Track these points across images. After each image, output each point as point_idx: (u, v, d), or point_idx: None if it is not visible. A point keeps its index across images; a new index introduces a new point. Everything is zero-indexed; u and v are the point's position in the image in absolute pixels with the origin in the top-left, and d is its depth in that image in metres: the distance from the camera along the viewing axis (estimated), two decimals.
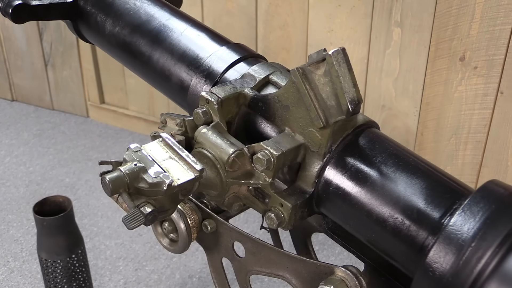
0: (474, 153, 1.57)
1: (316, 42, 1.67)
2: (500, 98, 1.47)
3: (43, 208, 1.16)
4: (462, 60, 1.47)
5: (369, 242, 0.59)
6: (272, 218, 0.60)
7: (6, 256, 1.63)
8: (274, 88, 0.65)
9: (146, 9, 0.78)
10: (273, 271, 0.64)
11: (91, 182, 1.90)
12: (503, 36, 1.39)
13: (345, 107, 0.55)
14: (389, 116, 1.65)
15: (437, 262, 0.49)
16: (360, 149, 0.59)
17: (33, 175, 1.96)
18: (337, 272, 0.58)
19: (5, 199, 1.85)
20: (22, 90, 2.39)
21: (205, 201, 0.70)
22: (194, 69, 0.71)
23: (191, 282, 1.56)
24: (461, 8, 1.42)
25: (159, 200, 0.56)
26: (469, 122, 1.54)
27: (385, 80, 1.60)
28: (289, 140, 0.59)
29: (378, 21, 1.54)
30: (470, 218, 0.49)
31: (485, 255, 0.47)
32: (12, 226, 1.74)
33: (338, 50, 0.54)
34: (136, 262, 1.61)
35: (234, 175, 0.60)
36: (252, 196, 0.63)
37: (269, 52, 1.76)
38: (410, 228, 0.53)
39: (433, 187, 0.55)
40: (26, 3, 0.80)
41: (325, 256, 1.63)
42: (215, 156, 0.60)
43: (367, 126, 0.61)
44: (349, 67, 0.54)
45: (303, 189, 0.60)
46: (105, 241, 1.68)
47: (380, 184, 0.56)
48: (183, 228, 0.68)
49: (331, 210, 0.61)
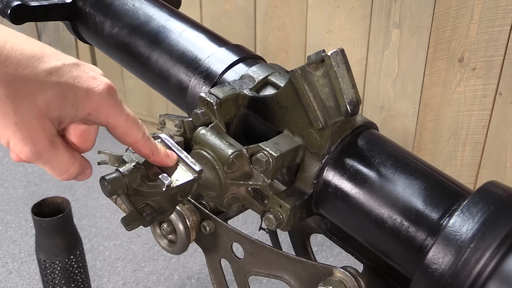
0: (472, 154, 1.57)
1: (315, 43, 1.67)
2: (499, 99, 1.47)
3: (42, 209, 1.16)
4: (461, 61, 1.47)
5: (368, 243, 0.59)
6: (271, 219, 0.60)
7: (5, 257, 1.63)
8: (273, 89, 0.65)
9: (145, 10, 0.78)
10: (272, 272, 0.64)
11: (90, 183, 1.90)
12: (501, 37, 1.40)
13: (344, 108, 0.55)
14: (388, 117, 1.65)
15: (436, 263, 0.49)
16: (359, 150, 0.59)
17: (31, 176, 1.96)
18: (336, 273, 0.58)
19: (4, 200, 1.85)
20: None
21: (204, 202, 0.70)
22: (193, 70, 0.71)
23: (190, 283, 1.56)
24: (460, 9, 1.42)
25: (158, 201, 0.56)
26: (467, 123, 1.54)
27: (383, 81, 1.60)
28: (288, 141, 0.59)
29: (376, 22, 1.54)
30: (469, 219, 0.49)
31: (484, 256, 0.47)
32: (11, 227, 1.74)
33: (337, 51, 0.54)
34: (135, 263, 1.61)
35: (233, 176, 0.60)
36: (251, 197, 0.63)
37: (268, 53, 1.76)
38: (409, 229, 0.53)
39: (432, 188, 0.55)
40: (25, 4, 0.80)
41: (324, 257, 1.63)
42: (214, 157, 0.60)
43: (366, 127, 0.61)
44: (348, 68, 0.55)
45: (302, 190, 0.60)
46: (104, 242, 1.68)
47: (379, 185, 0.56)
48: (181, 229, 0.68)
49: (330, 211, 0.61)
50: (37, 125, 0.43)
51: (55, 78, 0.43)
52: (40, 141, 0.44)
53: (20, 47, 0.42)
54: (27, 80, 0.42)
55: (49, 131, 0.44)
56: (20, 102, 0.42)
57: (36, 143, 0.44)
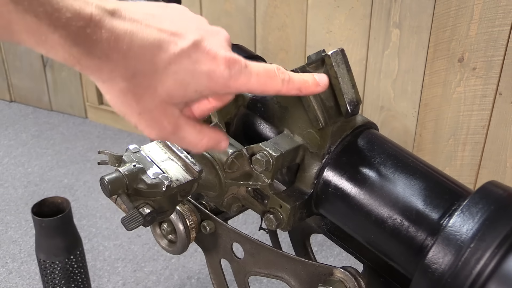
0: (472, 154, 1.57)
1: (315, 43, 1.67)
2: (499, 99, 1.47)
3: (42, 209, 1.15)
4: (461, 61, 1.47)
5: (368, 243, 0.59)
6: (271, 219, 0.60)
7: (5, 257, 1.63)
8: None
9: None
10: (272, 272, 0.64)
11: (90, 183, 1.90)
12: (501, 37, 1.40)
13: (344, 108, 0.55)
14: (388, 117, 1.65)
15: (436, 263, 0.49)
16: (359, 150, 0.59)
17: (31, 176, 1.96)
18: (336, 273, 0.58)
19: (4, 200, 1.85)
20: (21, 91, 2.39)
21: (204, 202, 0.70)
22: None
23: (190, 283, 1.56)
24: (460, 9, 1.42)
25: (158, 201, 0.56)
26: (467, 123, 1.54)
27: (383, 81, 1.60)
28: (288, 141, 0.59)
29: (376, 22, 1.54)
30: (469, 219, 0.49)
31: (484, 256, 0.47)
32: (11, 227, 1.74)
33: (337, 51, 0.54)
34: (135, 263, 1.61)
35: (233, 176, 0.60)
36: (251, 197, 0.63)
37: (268, 53, 1.76)
38: (409, 229, 0.53)
39: (432, 188, 0.55)
40: None
41: (324, 257, 1.63)
42: (214, 157, 0.60)
43: (366, 127, 0.61)
44: (348, 68, 0.55)
45: (302, 190, 0.60)
46: (104, 242, 1.68)
47: (379, 185, 0.56)
48: (181, 229, 0.67)
49: (330, 211, 0.61)
50: (160, 113, 0.44)
51: (174, 67, 0.43)
52: (164, 127, 0.45)
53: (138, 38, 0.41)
54: (146, 72, 0.42)
55: (172, 116, 0.45)
56: (142, 94, 0.43)
57: (161, 128, 0.45)
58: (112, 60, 0.41)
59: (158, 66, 0.42)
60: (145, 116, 0.44)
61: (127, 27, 0.41)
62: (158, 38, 0.42)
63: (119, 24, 0.41)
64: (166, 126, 0.45)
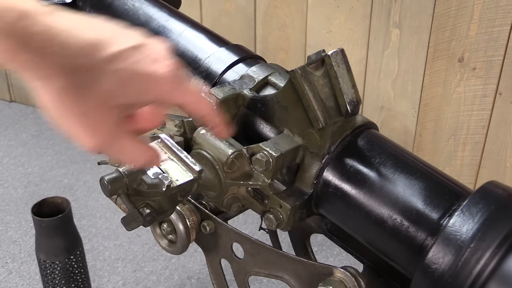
0: (472, 154, 1.57)
1: (315, 43, 1.67)
2: (499, 99, 1.47)
3: (42, 209, 1.15)
4: (461, 61, 1.47)
5: (368, 243, 0.59)
6: (271, 219, 0.60)
7: (5, 257, 1.63)
8: (273, 89, 0.65)
9: (145, 10, 0.78)
10: (272, 272, 0.64)
11: (90, 183, 1.90)
12: (501, 37, 1.40)
13: (344, 108, 0.55)
14: (388, 117, 1.65)
15: (436, 263, 0.49)
16: (359, 150, 0.59)
17: (31, 176, 1.96)
18: (336, 273, 0.58)
19: (4, 200, 1.85)
20: (21, 91, 2.39)
21: (204, 202, 0.70)
22: (193, 70, 0.71)
23: (190, 283, 1.56)
24: (460, 9, 1.42)
25: (158, 201, 0.56)
26: (467, 123, 1.54)
27: (383, 81, 1.60)
28: (288, 141, 0.59)
29: (376, 22, 1.54)
30: (469, 219, 0.49)
31: (484, 256, 0.47)
32: (11, 227, 1.74)
33: (337, 51, 0.54)
34: (135, 263, 1.61)
35: (233, 176, 0.60)
36: (251, 197, 0.63)
37: (268, 53, 1.76)
38: (409, 229, 0.53)
39: (432, 188, 0.55)
40: None
41: (324, 257, 1.63)
42: (214, 157, 0.60)
43: (366, 127, 0.61)
44: (348, 68, 0.55)
45: (302, 190, 0.60)
46: (104, 242, 1.68)
47: (379, 185, 0.56)
48: (181, 229, 0.67)
49: (330, 211, 0.61)
50: (100, 116, 0.42)
51: (114, 66, 0.41)
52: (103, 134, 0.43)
53: (75, 35, 0.40)
54: (85, 70, 0.41)
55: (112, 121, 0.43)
56: (81, 94, 0.41)
57: (100, 135, 0.43)
58: (49, 54, 0.39)
59: (97, 63, 0.41)
60: (84, 119, 0.41)
61: (64, 24, 0.40)
62: (98, 37, 0.41)
63: (56, 21, 0.40)
64: (105, 133, 0.43)
